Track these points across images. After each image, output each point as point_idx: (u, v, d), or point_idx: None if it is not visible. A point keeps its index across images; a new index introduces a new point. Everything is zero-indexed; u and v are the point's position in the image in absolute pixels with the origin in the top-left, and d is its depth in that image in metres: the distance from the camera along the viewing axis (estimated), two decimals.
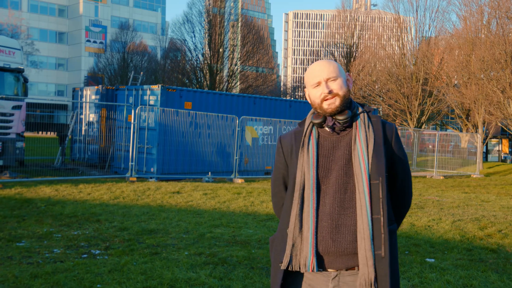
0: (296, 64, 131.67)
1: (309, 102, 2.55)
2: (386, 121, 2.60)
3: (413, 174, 23.31)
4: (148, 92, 17.17)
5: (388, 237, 2.35)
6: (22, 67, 15.73)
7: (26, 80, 16.10)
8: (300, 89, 64.08)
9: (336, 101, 2.43)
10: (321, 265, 2.38)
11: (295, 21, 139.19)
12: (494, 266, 6.50)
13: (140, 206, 10.26)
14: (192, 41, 41.43)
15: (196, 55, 41.82)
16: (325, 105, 2.44)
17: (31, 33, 65.33)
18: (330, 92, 2.43)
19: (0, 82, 15.26)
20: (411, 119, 36.84)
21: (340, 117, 2.44)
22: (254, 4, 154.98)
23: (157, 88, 16.88)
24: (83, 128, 20.62)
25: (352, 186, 2.40)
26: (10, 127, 15.07)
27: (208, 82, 40.54)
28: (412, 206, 11.59)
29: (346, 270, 2.40)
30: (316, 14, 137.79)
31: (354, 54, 47.06)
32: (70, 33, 73.48)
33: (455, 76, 33.03)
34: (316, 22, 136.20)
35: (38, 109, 51.88)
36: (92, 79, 56.37)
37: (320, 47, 57.31)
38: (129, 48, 52.36)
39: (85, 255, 6.42)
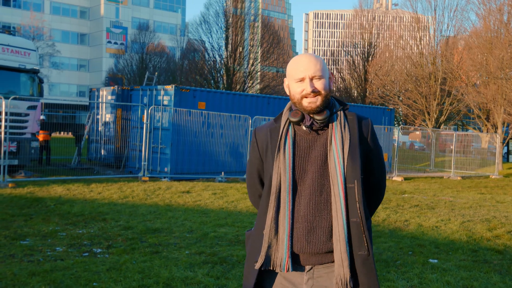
0: None
1: (288, 94, 2.49)
2: (363, 117, 2.55)
3: (430, 174, 23.04)
4: (162, 92, 17.26)
5: (369, 237, 2.36)
6: (37, 68, 15.92)
7: (41, 81, 16.30)
8: None
9: (318, 101, 2.38)
10: (296, 262, 2.38)
11: (315, 21, 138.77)
12: (498, 267, 6.38)
13: (148, 205, 10.31)
14: (209, 42, 41.57)
15: (213, 55, 41.93)
16: (305, 102, 2.38)
17: (53, 34, 66.22)
18: (313, 90, 2.37)
19: (15, 83, 15.48)
20: (429, 119, 36.40)
21: (318, 117, 2.39)
22: (274, 4, 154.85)
23: (170, 88, 16.96)
24: (99, 128, 20.82)
25: (328, 188, 2.38)
26: (25, 127, 15.27)
27: (225, 83, 40.62)
28: (422, 206, 11.46)
29: (319, 264, 2.41)
30: (336, 14, 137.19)
31: (372, 54, 46.68)
32: (92, 35, 74.27)
33: (474, 76, 32.56)
34: (337, 22, 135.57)
35: (61, 110, 52.62)
36: (112, 80, 56.92)
37: (337, 47, 56.96)
38: (148, 49, 52.73)
39: (86, 254, 6.46)
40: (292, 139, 2.43)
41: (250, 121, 16.71)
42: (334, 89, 50.40)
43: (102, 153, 20.52)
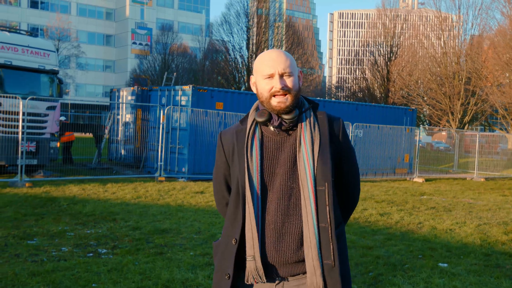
0: (341, 65, 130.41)
1: (255, 92, 2.34)
2: (333, 116, 2.41)
3: (453, 176, 22.62)
4: (180, 92, 17.29)
5: (337, 245, 2.21)
6: (56, 69, 16.09)
7: (60, 82, 16.47)
8: (342, 89, 63.40)
9: (288, 100, 2.23)
10: (266, 272, 2.24)
11: (340, 21, 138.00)
12: (510, 272, 6.18)
13: (160, 205, 10.30)
14: (231, 42, 41.58)
15: (235, 55, 41.95)
16: (274, 102, 2.24)
17: (79, 36, 67.16)
18: (282, 88, 2.22)
19: (35, 84, 15.66)
20: (453, 119, 35.79)
21: (286, 117, 2.25)
22: (299, 4, 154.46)
23: (188, 88, 16.97)
24: (119, 129, 20.96)
25: (297, 192, 2.24)
26: (44, 127, 15.44)
27: (246, 83, 40.60)
28: (439, 208, 11.22)
29: (291, 276, 2.27)
30: (362, 14, 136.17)
31: (395, 53, 46.13)
32: (117, 36, 75.06)
33: (500, 76, 31.88)
34: (362, 22, 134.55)
35: (88, 110, 53.35)
36: (136, 81, 57.42)
37: (361, 47, 56.48)
38: (171, 50, 53.05)
39: (90, 254, 6.45)
40: (260, 140, 2.30)
41: None
42: (357, 90, 49.99)
43: (122, 153, 20.67)
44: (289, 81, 2.25)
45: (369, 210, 10.33)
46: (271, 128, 2.30)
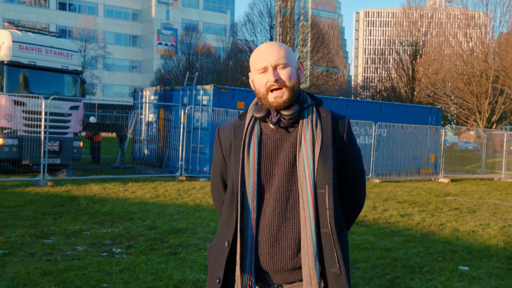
0: (367, 64, 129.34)
1: (253, 90, 2.22)
2: (338, 114, 2.27)
3: (480, 176, 22.15)
4: (201, 92, 17.28)
5: (341, 252, 2.07)
6: (79, 69, 16.24)
7: (83, 82, 16.61)
8: (368, 88, 62.77)
9: (284, 95, 2.09)
10: (259, 280, 2.13)
11: (366, 20, 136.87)
12: None
13: (178, 205, 10.27)
14: (254, 42, 41.53)
15: None
16: (271, 97, 2.10)
17: (106, 37, 67.97)
18: (277, 80, 2.09)
19: (58, 84, 15.83)
20: (480, 118, 35.09)
21: (285, 113, 2.11)
22: (324, 3, 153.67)
23: (209, 88, 16.95)
24: (142, 128, 21.08)
25: (296, 195, 2.11)
26: (67, 127, 15.59)
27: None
28: (463, 209, 10.95)
29: (287, 284, 2.15)
30: (388, 12, 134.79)
31: (421, 52, 45.46)
32: (143, 37, 75.69)
33: None
34: (388, 21, 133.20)
35: (115, 110, 53.94)
36: (162, 81, 57.82)
37: (386, 46, 55.85)
38: (195, 50, 53.28)
39: (104, 254, 6.44)
40: (258, 138, 2.17)
41: None
42: (382, 89, 49.37)
43: (145, 153, 20.78)
44: (283, 73, 2.11)
45: (390, 211, 10.13)
46: (271, 125, 2.18)
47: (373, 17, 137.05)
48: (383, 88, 46.35)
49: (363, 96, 55.47)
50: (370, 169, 18.28)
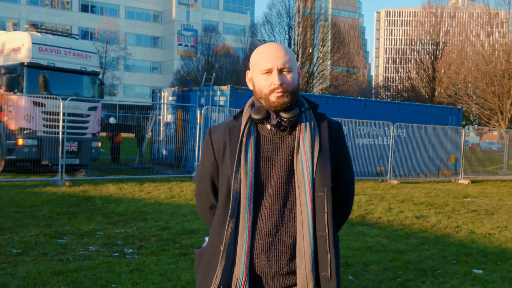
0: (388, 63, 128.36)
1: (251, 88, 2.20)
2: (333, 120, 2.27)
3: (501, 177, 21.81)
4: (218, 92, 17.33)
5: (334, 256, 2.06)
6: (98, 70, 16.40)
7: (102, 83, 16.77)
8: (388, 89, 62.18)
9: (286, 97, 2.08)
10: (254, 285, 2.09)
11: (386, 19, 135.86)
12: None
13: (192, 205, 10.29)
14: (273, 42, 41.51)
15: None
16: (273, 97, 2.08)
17: (128, 38, 68.60)
18: (281, 84, 2.07)
19: (77, 85, 16.01)
20: (502, 119, 34.52)
21: (286, 115, 2.09)
22: (345, 3, 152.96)
23: (226, 88, 16.99)
24: (161, 129, 21.21)
25: (293, 197, 2.09)
26: (86, 128, 15.75)
27: None
28: (480, 212, 10.78)
29: None
30: (409, 12, 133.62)
31: (441, 51, 44.90)
32: (164, 38, 76.21)
33: None
34: (409, 20, 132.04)
35: (136, 111, 54.40)
36: (182, 81, 58.12)
37: (406, 45, 55.31)
38: (215, 51, 53.45)
39: (116, 254, 6.47)
40: (255, 139, 2.14)
41: None
42: (402, 89, 48.92)
43: (164, 153, 20.89)
44: (288, 77, 2.10)
45: (405, 213, 10.02)
46: (268, 127, 2.15)
47: (394, 17, 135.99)
48: (403, 88, 45.87)
49: (383, 97, 55.03)
50: (388, 170, 18.13)
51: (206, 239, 2.27)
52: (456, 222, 9.28)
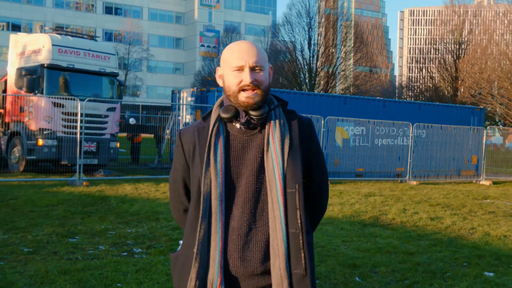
0: (412, 63, 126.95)
1: (221, 85, 2.17)
2: (303, 116, 2.25)
3: None
4: None
5: (308, 254, 2.04)
6: (116, 71, 16.57)
7: (120, 84, 16.94)
8: (411, 89, 61.46)
9: (256, 96, 2.07)
10: (229, 286, 2.07)
11: (410, 19, 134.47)
12: None
13: None
14: (292, 43, 41.43)
15: (296, 56, 41.75)
16: (243, 97, 2.07)
17: (150, 39, 69.18)
18: (252, 82, 2.06)
19: (96, 86, 16.20)
20: None
21: (255, 113, 2.08)
22: (368, 3, 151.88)
23: None
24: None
25: (265, 195, 2.08)
26: (104, 128, 15.93)
27: (307, 83, 40.30)
28: (498, 213, 10.59)
29: None
30: (433, 11, 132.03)
31: (464, 51, 44.24)
32: (186, 39, 76.64)
33: None
34: (434, 19, 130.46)
35: (159, 112, 54.89)
36: (204, 82, 58.40)
37: (428, 45, 54.68)
38: None
39: (124, 253, 6.52)
40: (224, 139, 2.13)
41: (323, 122, 16.35)
42: (424, 89, 48.40)
43: None
44: (259, 76, 2.09)
45: (420, 214, 9.89)
46: (237, 126, 2.14)
47: (418, 16, 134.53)
48: (425, 88, 45.33)
49: (407, 97, 54.46)
50: (407, 171, 17.94)
51: (181, 242, 2.24)
52: (472, 224, 9.13)
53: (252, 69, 2.08)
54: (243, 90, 2.08)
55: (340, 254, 6.69)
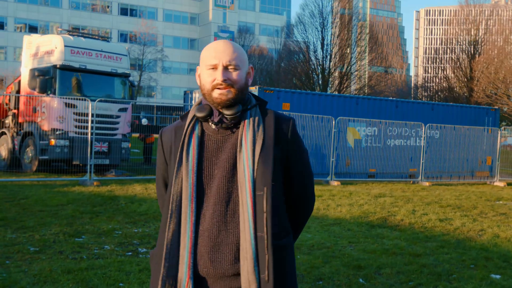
0: (428, 63, 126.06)
1: (198, 84, 2.18)
2: (283, 115, 2.21)
3: None
4: None
5: (273, 257, 2.00)
6: (128, 72, 16.66)
7: (132, 85, 17.03)
8: (426, 89, 60.95)
9: (230, 94, 2.07)
10: (199, 287, 2.06)
11: (426, 19, 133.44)
12: None
13: None
14: (305, 43, 41.32)
15: (309, 56, 41.63)
16: (216, 93, 2.07)
17: (165, 40, 69.54)
18: (225, 80, 2.06)
19: (108, 86, 16.29)
20: None
21: (227, 112, 2.07)
22: (383, 3, 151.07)
23: (254, 89, 16.98)
24: None
25: (236, 197, 2.05)
26: (116, 128, 16.01)
27: (320, 84, 40.16)
28: (510, 215, 10.45)
29: None
30: (450, 10, 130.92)
31: (479, 50, 43.77)
32: (200, 40, 76.90)
33: None
34: (450, 19, 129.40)
35: (174, 112, 55.16)
36: None
37: (443, 45, 54.18)
38: (249, 52, 53.63)
39: (129, 253, 6.54)
40: (198, 138, 2.12)
41: (334, 122, 16.28)
42: (439, 89, 48.01)
43: None
44: (234, 75, 2.09)
45: (429, 215, 9.80)
46: (212, 126, 2.13)
47: (434, 16, 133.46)
48: (440, 88, 44.94)
49: (420, 97, 54.06)
50: (420, 172, 17.80)
51: None
52: (481, 226, 9.02)
53: (226, 68, 2.08)
54: (217, 88, 2.08)
55: (345, 255, 6.65)
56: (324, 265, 6.19)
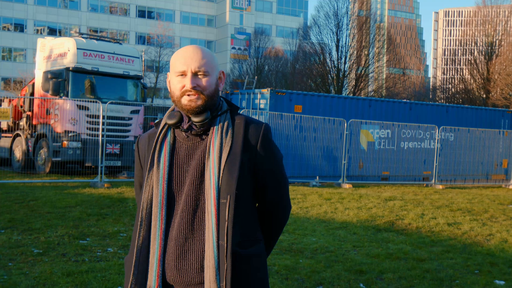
0: (447, 65, 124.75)
1: (169, 91, 2.17)
2: (255, 120, 2.17)
3: None
4: (259, 95, 17.33)
5: (232, 267, 1.97)
6: (140, 74, 16.76)
7: (144, 87, 17.12)
8: (443, 91, 60.24)
9: (199, 100, 2.06)
10: None
11: (445, 20, 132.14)
12: None
13: None
14: (320, 45, 41.16)
15: (324, 58, 41.45)
16: (185, 100, 2.07)
17: (182, 42, 69.83)
18: (194, 87, 2.05)
19: (120, 89, 16.41)
20: None
21: (196, 119, 2.06)
22: (402, 4, 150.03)
23: (266, 91, 16.97)
24: None
25: (203, 205, 2.05)
26: (128, 130, 16.12)
27: (335, 85, 39.97)
28: None
29: None
30: (469, 11, 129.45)
31: (496, 52, 43.17)
32: (217, 42, 77.10)
33: None
34: (469, 20, 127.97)
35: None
36: (235, 84, 58.65)
37: (462, 46, 53.58)
38: (265, 53, 53.60)
39: None
40: (170, 146, 2.12)
41: (346, 125, 16.18)
42: (456, 91, 47.50)
43: None
44: (203, 81, 2.08)
45: (438, 219, 9.67)
46: (183, 133, 2.13)
47: (453, 17, 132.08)
48: (457, 91, 44.42)
49: (437, 99, 53.51)
50: (433, 175, 17.62)
51: None
52: (490, 230, 8.88)
53: (195, 74, 2.07)
54: (187, 95, 2.07)
55: (348, 260, 6.59)
56: (325, 269, 6.14)
